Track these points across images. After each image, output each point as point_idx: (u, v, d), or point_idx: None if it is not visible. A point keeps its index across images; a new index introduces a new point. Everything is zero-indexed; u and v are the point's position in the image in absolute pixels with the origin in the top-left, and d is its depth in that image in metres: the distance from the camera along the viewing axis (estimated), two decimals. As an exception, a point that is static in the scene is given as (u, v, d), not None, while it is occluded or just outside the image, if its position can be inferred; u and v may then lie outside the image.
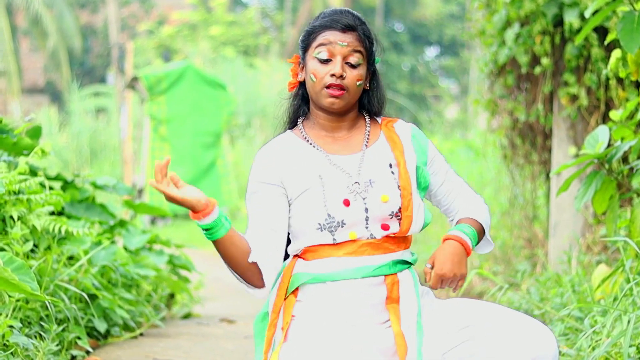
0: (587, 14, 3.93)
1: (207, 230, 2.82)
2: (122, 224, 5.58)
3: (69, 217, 5.09)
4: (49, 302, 3.93)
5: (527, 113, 6.36)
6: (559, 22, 6.04)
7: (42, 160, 4.56)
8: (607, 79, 5.91)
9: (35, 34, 29.44)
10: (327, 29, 2.87)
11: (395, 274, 2.82)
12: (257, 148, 19.66)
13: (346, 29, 2.87)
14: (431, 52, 36.81)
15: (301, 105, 2.97)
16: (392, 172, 2.86)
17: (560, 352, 3.91)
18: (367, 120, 2.95)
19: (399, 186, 2.84)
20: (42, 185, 4.51)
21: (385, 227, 2.83)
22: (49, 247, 4.33)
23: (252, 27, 32.21)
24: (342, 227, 2.80)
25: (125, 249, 5.52)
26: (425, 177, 2.90)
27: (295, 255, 2.89)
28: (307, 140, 2.91)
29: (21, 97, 27.79)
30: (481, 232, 2.91)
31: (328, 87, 2.84)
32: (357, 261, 2.81)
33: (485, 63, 6.53)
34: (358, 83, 2.86)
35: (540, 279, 5.45)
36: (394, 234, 2.83)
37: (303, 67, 2.93)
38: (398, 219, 2.83)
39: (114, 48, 29.12)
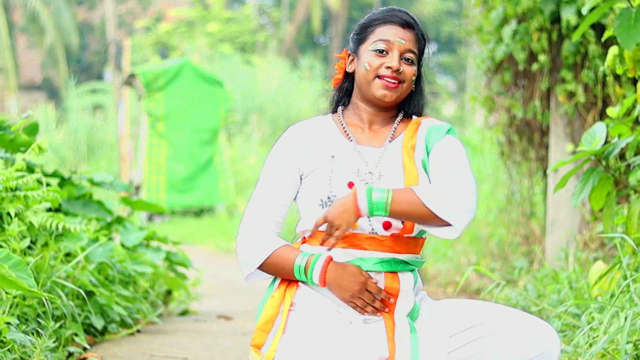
0: (584, 11, 3.93)
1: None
2: (119, 220, 5.58)
3: (66, 213, 5.09)
4: (46, 299, 3.93)
5: (524, 110, 6.36)
6: (556, 19, 6.04)
7: (39, 157, 4.55)
8: (604, 75, 5.91)
9: (33, 30, 29.42)
10: (386, 22, 2.91)
11: (396, 272, 2.82)
12: (254, 145, 19.72)
13: (406, 25, 2.92)
14: (428, 49, 36.77)
15: (343, 97, 3.02)
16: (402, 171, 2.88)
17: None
18: (399, 117, 2.97)
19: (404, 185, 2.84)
20: (39, 182, 4.51)
21: (386, 225, 2.82)
22: (46, 244, 4.32)
23: (249, 24, 32.20)
24: None
25: (123, 245, 5.52)
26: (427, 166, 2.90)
27: (303, 239, 2.91)
28: (343, 127, 2.94)
29: (18, 93, 27.78)
30: (414, 205, 2.73)
31: (381, 77, 2.87)
32: (359, 254, 2.81)
33: (482, 60, 6.53)
34: (413, 78, 2.91)
35: (537, 276, 5.46)
36: (398, 231, 2.82)
37: (353, 60, 2.97)
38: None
39: (111, 45, 29.09)
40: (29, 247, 4.30)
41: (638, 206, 3.92)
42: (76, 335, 4.25)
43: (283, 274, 2.85)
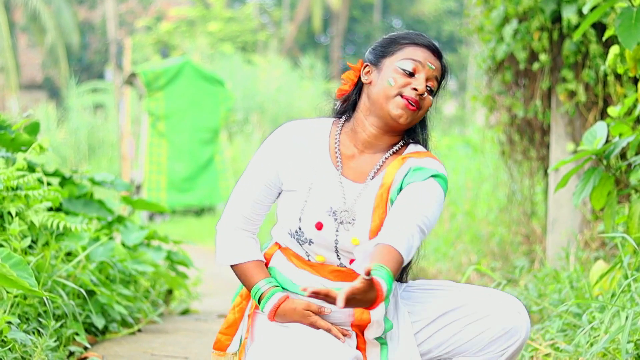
0: (585, 10, 3.93)
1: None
2: (120, 220, 5.58)
3: (67, 213, 5.09)
4: (46, 298, 3.93)
5: (525, 109, 6.36)
6: (557, 18, 6.04)
7: (40, 156, 4.56)
8: (605, 75, 5.91)
9: (33, 30, 29.43)
10: (417, 44, 2.82)
11: None
12: (254, 144, 19.71)
13: (436, 52, 2.84)
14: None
15: (347, 110, 2.91)
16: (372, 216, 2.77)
17: (558, 349, 3.91)
18: (395, 147, 2.85)
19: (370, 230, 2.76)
20: (40, 181, 4.51)
21: (352, 261, 2.78)
22: (47, 243, 4.32)
23: (250, 23, 32.21)
24: (310, 245, 2.79)
25: (123, 245, 5.52)
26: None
27: (277, 243, 2.90)
28: (336, 146, 2.82)
29: (19, 93, 27.78)
30: (399, 263, 2.56)
31: (403, 96, 2.77)
32: (326, 283, 2.79)
33: (483, 59, 6.52)
34: (429, 107, 2.84)
35: (538, 275, 5.45)
36: None
37: (370, 71, 2.85)
38: None
39: (112, 44, 29.11)
40: (30, 247, 4.31)
41: (639, 206, 3.92)
42: (77, 334, 4.25)
43: (243, 284, 2.87)
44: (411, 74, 2.79)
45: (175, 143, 16.67)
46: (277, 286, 2.82)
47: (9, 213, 4.08)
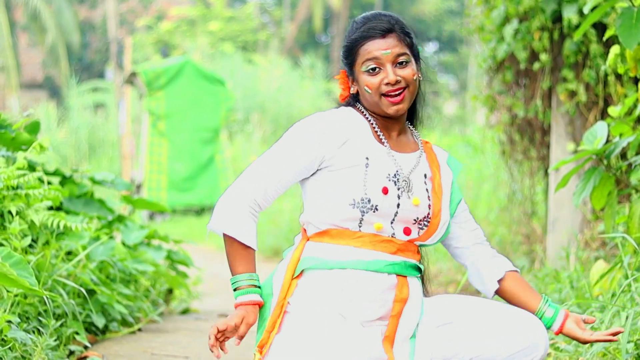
0: (585, 10, 3.93)
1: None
2: (120, 219, 5.58)
3: (68, 212, 5.09)
4: (47, 297, 3.93)
5: (525, 109, 6.36)
6: (557, 18, 6.04)
7: (41, 156, 4.55)
8: (606, 75, 5.91)
9: (34, 29, 29.43)
10: (366, 39, 2.85)
11: (406, 277, 2.83)
12: (255, 144, 19.71)
13: (385, 33, 2.86)
14: (430, 47, 36.81)
15: (352, 102, 2.98)
16: (425, 183, 2.89)
17: (558, 348, 3.91)
18: (413, 131, 2.99)
19: (428, 197, 2.87)
20: (41, 180, 4.51)
21: (407, 231, 2.85)
22: (47, 242, 4.32)
23: (250, 23, 32.21)
24: (374, 212, 2.80)
25: (124, 244, 5.52)
26: (457, 193, 2.94)
27: (304, 236, 2.89)
28: (374, 127, 2.90)
29: (19, 92, 27.78)
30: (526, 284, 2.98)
31: (385, 95, 2.84)
32: (371, 254, 2.81)
33: (483, 59, 6.52)
34: (415, 77, 2.87)
35: (538, 275, 5.45)
36: (414, 239, 2.85)
37: (353, 80, 2.91)
38: (419, 228, 2.86)
39: (113, 43, 29.11)
40: (30, 246, 4.31)
41: (639, 206, 3.92)
42: (77, 333, 4.25)
43: (228, 260, 2.89)
44: (379, 70, 2.84)
45: (175, 142, 16.67)
46: (257, 286, 2.84)
47: (10, 212, 4.09)
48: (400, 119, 2.92)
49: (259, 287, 2.85)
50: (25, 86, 31.64)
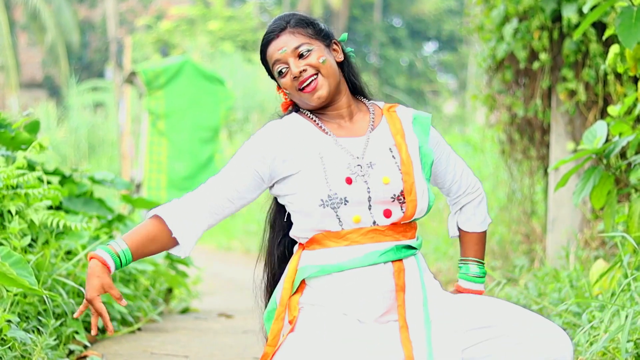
0: (585, 9, 3.93)
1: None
2: (119, 218, 5.58)
3: (67, 211, 5.09)
4: (46, 297, 3.93)
5: (525, 108, 6.36)
6: (557, 17, 6.04)
7: (40, 155, 4.56)
8: (605, 74, 5.91)
9: (34, 28, 29.42)
10: (266, 47, 2.94)
11: (401, 260, 2.82)
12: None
13: (278, 33, 2.92)
14: (429, 47, 36.82)
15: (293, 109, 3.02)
16: (393, 157, 2.87)
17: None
18: (370, 106, 2.97)
19: (399, 170, 2.84)
20: (40, 179, 4.51)
21: (387, 213, 2.82)
22: (46, 242, 4.33)
23: (250, 22, 32.19)
24: (345, 204, 2.79)
25: (123, 243, 5.51)
26: (428, 155, 2.90)
27: (301, 246, 2.89)
28: (316, 122, 2.92)
29: (19, 91, 27.77)
30: (483, 243, 3.08)
31: (300, 89, 2.87)
32: (362, 249, 2.80)
33: (483, 58, 6.53)
34: (321, 60, 2.87)
35: (538, 274, 5.45)
36: (400, 219, 2.83)
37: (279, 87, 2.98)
38: (400, 203, 2.83)
39: (112, 43, 29.10)
40: (30, 245, 4.31)
41: (639, 205, 3.92)
42: (77, 333, 4.25)
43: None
44: (286, 68, 2.89)
45: (175, 142, 16.67)
46: (117, 253, 2.80)
47: (9, 211, 4.09)
48: (336, 104, 2.92)
49: (118, 257, 2.81)
50: (24, 85, 31.63)
